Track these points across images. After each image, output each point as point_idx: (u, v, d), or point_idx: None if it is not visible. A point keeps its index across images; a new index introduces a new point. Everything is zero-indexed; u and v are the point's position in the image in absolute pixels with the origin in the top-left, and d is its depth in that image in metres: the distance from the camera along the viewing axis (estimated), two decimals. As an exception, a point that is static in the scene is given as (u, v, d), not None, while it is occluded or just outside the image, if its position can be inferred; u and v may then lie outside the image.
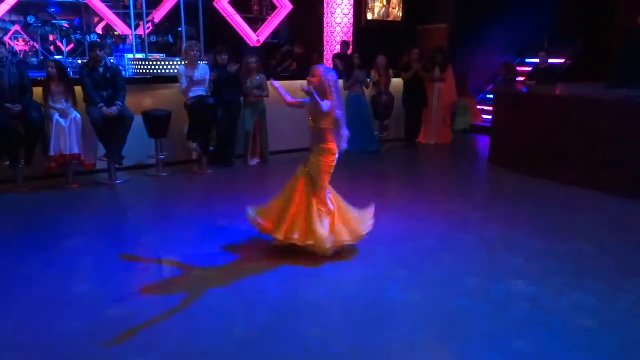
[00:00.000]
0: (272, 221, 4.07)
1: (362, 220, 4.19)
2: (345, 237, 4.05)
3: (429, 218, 5.06)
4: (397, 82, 8.74)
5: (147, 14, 9.70)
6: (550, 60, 9.59)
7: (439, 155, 8.63)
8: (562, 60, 10.43)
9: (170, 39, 11.01)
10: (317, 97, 3.81)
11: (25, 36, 11.29)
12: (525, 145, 6.86)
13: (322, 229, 3.94)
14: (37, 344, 2.87)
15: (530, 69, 10.18)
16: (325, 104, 3.86)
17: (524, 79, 9.76)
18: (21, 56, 11.24)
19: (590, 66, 9.47)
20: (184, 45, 7.19)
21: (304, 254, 3.97)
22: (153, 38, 10.47)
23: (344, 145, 4.04)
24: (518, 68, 11.20)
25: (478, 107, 10.76)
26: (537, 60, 9.74)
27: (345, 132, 4.05)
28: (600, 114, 6.02)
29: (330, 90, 3.94)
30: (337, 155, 4.08)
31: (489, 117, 10.15)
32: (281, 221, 4.00)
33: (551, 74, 9.13)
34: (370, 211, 4.24)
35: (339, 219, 4.07)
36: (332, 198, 4.16)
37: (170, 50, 10.56)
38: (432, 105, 8.98)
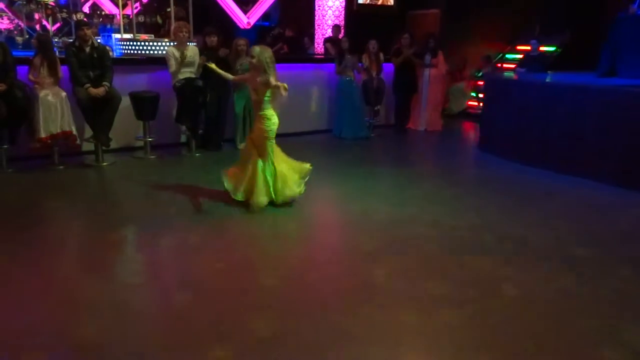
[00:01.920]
0: (232, 185, 4.79)
1: (298, 181, 4.90)
2: (289, 192, 4.80)
3: (418, 204, 5.07)
4: (388, 68, 8.69)
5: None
6: (541, 48, 9.60)
7: (428, 141, 8.63)
8: (553, 48, 10.43)
9: (159, 20, 10.83)
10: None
11: (9, 14, 11.03)
12: (515, 132, 6.87)
13: (263, 195, 4.65)
14: (20, 325, 2.84)
15: (521, 56, 10.18)
16: (273, 83, 4.46)
17: (515, 66, 9.76)
18: (6, 34, 11.00)
19: (582, 54, 9.48)
20: (173, 27, 7.07)
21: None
22: (141, 18, 10.29)
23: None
24: (509, 56, 11.21)
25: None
26: (528, 47, 9.74)
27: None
28: (589, 102, 6.03)
29: (268, 66, 4.51)
30: (276, 119, 4.70)
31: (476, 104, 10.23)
32: (240, 185, 4.73)
33: (542, 62, 9.14)
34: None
35: (280, 179, 4.75)
36: (276, 160, 4.77)
37: (159, 32, 10.40)
38: (422, 92, 8.94)
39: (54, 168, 5.95)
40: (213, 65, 5.30)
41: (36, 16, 11.11)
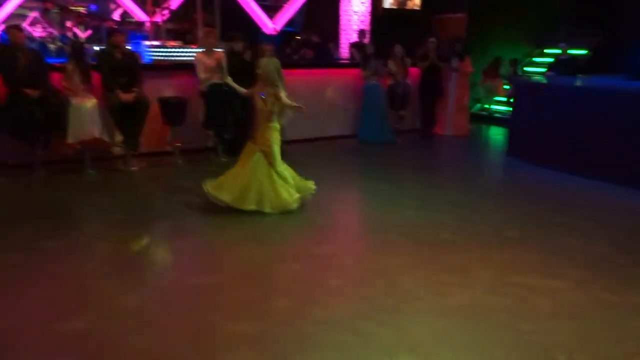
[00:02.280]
0: (234, 195, 4.68)
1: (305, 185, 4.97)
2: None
3: (443, 210, 5.01)
4: (414, 72, 8.65)
5: (164, 1, 9.70)
6: (571, 51, 9.43)
7: (455, 146, 8.54)
8: (584, 52, 10.23)
9: (187, 27, 11.00)
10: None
11: (44, 22, 11.35)
12: (545, 137, 6.75)
13: (286, 195, 4.72)
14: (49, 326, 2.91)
15: (551, 59, 10.01)
16: (283, 95, 4.66)
17: (545, 70, 9.61)
18: (40, 42, 11.31)
19: (613, 57, 9.28)
20: (200, 33, 7.17)
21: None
22: (169, 25, 10.47)
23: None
24: (537, 59, 11.05)
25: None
26: (557, 50, 9.58)
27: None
28: (620, 106, 5.89)
29: (273, 77, 4.64)
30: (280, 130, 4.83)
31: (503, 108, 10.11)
32: (247, 194, 4.67)
33: (572, 65, 8.97)
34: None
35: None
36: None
37: (187, 38, 10.56)
38: (448, 96, 8.87)
39: (85, 172, 6.08)
40: (228, 79, 5.38)
41: (68, 24, 11.41)
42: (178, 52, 7.73)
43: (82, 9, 12.05)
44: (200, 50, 6.82)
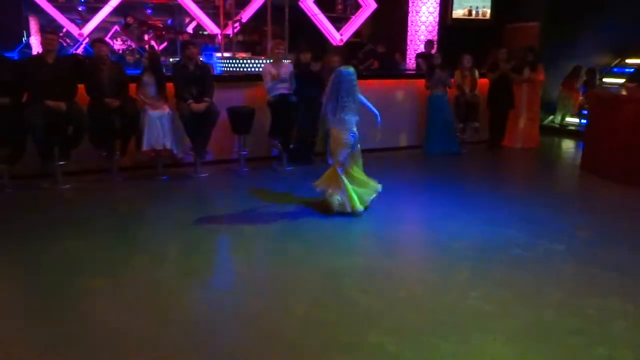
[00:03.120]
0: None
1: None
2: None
3: (513, 226, 4.82)
4: (484, 83, 8.43)
5: (236, 14, 10.03)
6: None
7: (524, 159, 8.24)
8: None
9: (256, 38, 11.31)
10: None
11: (123, 36, 12.00)
12: (622, 152, 6.37)
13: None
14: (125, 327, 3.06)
15: (631, 69, 9.48)
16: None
17: (624, 81, 9.09)
18: (119, 54, 11.98)
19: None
20: (269, 44, 7.34)
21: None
22: (240, 37, 10.80)
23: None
24: (616, 69, 10.48)
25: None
26: (639, 60, 9.05)
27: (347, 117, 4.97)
28: None
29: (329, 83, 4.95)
30: (344, 135, 4.94)
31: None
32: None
33: (655, 76, 8.42)
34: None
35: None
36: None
37: (256, 49, 10.85)
38: (520, 107, 8.57)
39: (157, 178, 6.36)
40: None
41: (145, 37, 12.01)
42: (247, 63, 7.95)
43: (159, 23, 12.63)
44: (269, 61, 6.98)
